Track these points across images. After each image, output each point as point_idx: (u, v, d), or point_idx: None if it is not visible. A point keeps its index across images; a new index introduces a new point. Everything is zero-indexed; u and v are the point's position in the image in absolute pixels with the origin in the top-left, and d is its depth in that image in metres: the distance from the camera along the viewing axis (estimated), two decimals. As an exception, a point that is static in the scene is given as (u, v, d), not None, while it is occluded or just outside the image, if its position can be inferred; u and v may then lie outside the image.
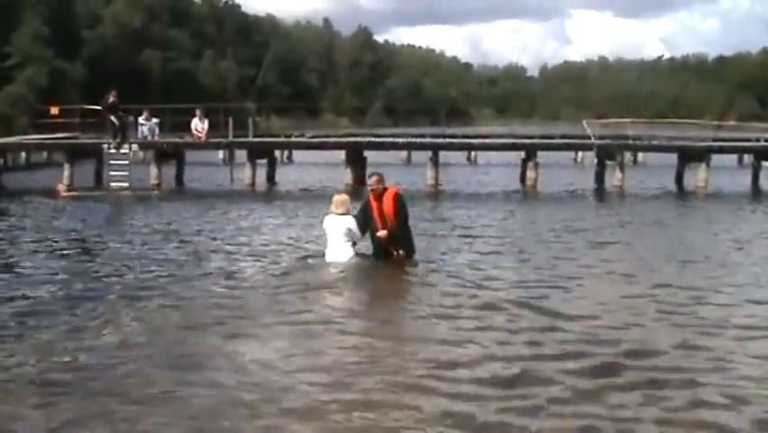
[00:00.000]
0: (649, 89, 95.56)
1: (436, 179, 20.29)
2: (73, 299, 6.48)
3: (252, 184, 20.24)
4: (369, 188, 8.06)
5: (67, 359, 4.87)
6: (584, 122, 24.86)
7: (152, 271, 7.82)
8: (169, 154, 21.04)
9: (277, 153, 25.22)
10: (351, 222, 7.58)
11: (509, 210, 14.54)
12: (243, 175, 20.69)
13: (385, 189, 8.02)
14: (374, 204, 7.98)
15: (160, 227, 11.58)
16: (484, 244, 9.79)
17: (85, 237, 10.20)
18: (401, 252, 7.98)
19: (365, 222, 7.98)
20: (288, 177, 23.26)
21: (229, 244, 9.92)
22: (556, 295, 6.78)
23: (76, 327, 5.66)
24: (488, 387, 4.46)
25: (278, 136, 26.92)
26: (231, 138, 21.05)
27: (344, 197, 8.13)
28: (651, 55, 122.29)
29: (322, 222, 7.83)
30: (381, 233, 7.87)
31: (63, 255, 8.74)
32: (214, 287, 7.20)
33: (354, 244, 7.67)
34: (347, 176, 20.17)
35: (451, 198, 17.28)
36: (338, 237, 7.60)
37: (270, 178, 21.50)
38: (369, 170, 21.84)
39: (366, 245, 7.86)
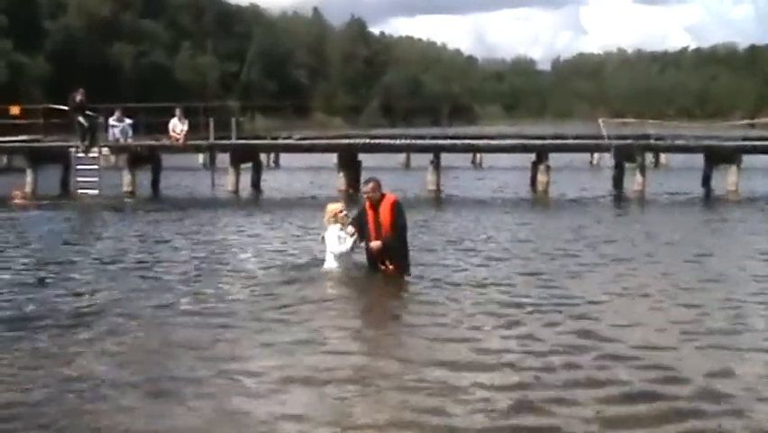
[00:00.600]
0: (673, 84, 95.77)
1: (438, 184, 20.30)
2: (25, 322, 6.41)
3: (236, 191, 20.25)
4: (364, 195, 8.12)
5: (20, 391, 4.85)
6: (600, 120, 24.89)
7: (121, 290, 7.80)
8: (143, 158, 21.03)
9: (262, 157, 25.26)
10: (331, 232, 7.89)
11: (518, 219, 14.48)
12: (226, 181, 20.69)
13: (382, 197, 8.09)
14: (370, 212, 8.05)
15: (131, 239, 11.61)
16: (489, 257, 9.73)
17: (35, 253, 10.01)
18: (393, 265, 8.04)
19: (360, 231, 8.09)
20: (274, 183, 23.25)
21: (210, 258, 9.98)
22: (570, 318, 6.69)
23: (35, 355, 5.60)
24: (499, 418, 4.44)
25: (264, 138, 26.88)
26: (212, 140, 21.05)
27: (330, 207, 8.30)
28: (675, 46, 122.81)
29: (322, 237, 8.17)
30: (375, 244, 7.94)
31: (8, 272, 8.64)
32: (191, 307, 7.20)
33: (342, 253, 7.96)
34: (340, 181, 20.16)
35: (453, 206, 17.31)
36: (327, 248, 8.04)
37: (255, 184, 21.52)
38: (364, 175, 22.24)
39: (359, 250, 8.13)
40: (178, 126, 20.69)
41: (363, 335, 6.31)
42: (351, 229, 8.08)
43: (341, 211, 8.24)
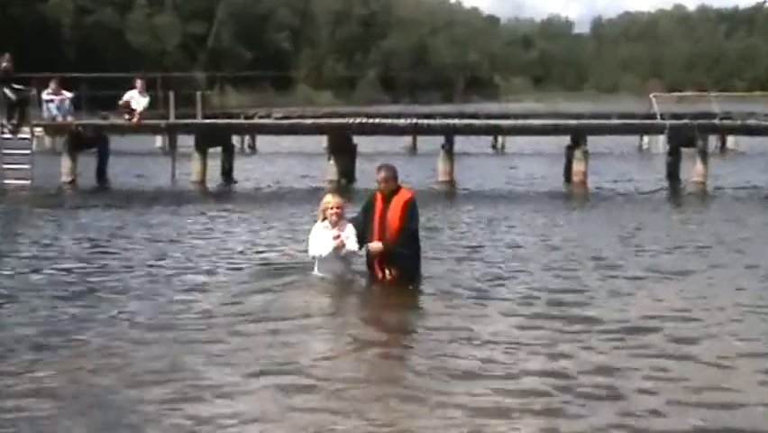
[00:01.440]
0: (743, 49, 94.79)
1: (450, 174, 20.36)
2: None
3: (202, 181, 20.33)
4: (376, 183, 8.29)
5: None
6: (652, 95, 24.92)
7: (54, 306, 7.80)
8: (86, 141, 21.02)
9: (235, 140, 25.31)
10: (314, 230, 8.35)
11: (549, 218, 14.40)
12: (190, 169, 20.77)
13: (397, 190, 8.23)
14: (379, 206, 8.18)
15: (69, 242, 11.55)
16: (512, 268, 9.63)
17: None
18: (392, 271, 8.14)
19: (364, 227, 8.23)
20: (250, 172, 23.32)
21: (169, 264, 9.87)
22: (614, 349, 6.42)
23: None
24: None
25: (237, 117, 26.94)
26: (172, 119, 21.09)
27: (325, 199, 8.52)
28: (747, 2, 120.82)
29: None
30: (373, 246, 8.08)
31: None
32: (142, 324, 7.21)
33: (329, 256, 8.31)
34: (330, 170, 20.21)
35: (469, 201, 17.36)
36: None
37: (226, 173, 21.60)
38: (360, 163, 22.50)
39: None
40: (139, 101, 20.62)
41: (346, 361, 6.27)
42: (336, 232, 8.21)
43: (331, 207, 8.35)
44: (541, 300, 8.03)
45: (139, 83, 20.86)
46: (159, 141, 30.76)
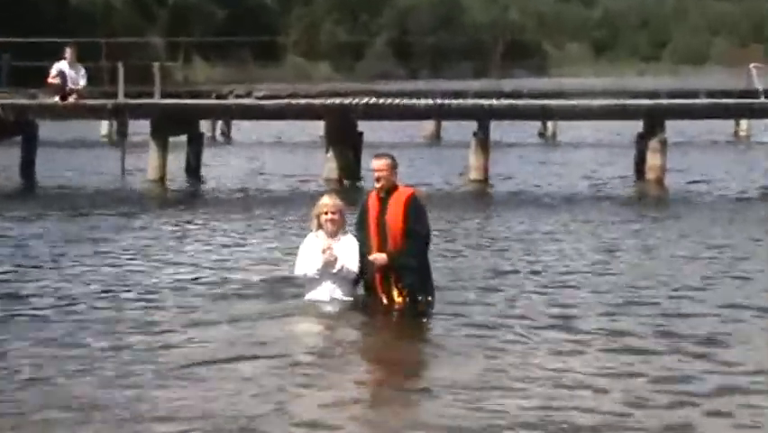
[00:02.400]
0: None
1: (485, 170, 20.36)
2: None
3: (161, 180, 20.44)
4: (373, 172, 8.50)
5: None
6: (752, 66, 24.80)
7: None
8: (7, 127, 21.12)
9: (204, 126, 25.37)
10: (305, 243, 8.64)
11: (615, 228, 14.36)
12: (145, 165, 20.84)
13: (394, 188, 8.39)
14: (373, 209, 8.35)
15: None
16: (565, 297, 9.53)
17: None
18: (403, 295, 8.27)
19: (361, 238, 8.46)
20: (223, 168, 23.32)
21: (115, 285, 9.95)
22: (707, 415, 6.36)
23: None
24: None
25: (207, 96, 26.98)
26: (121, 98, 21.17)
27: (322, 201, 8.66)
28: None
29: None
30: (376, 257, 8.22)
31: None
32: (78, 360, 7.24)
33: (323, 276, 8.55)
34: (328, 166, 20.30)
35: (508, 206, 17.33)
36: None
37: (193, 170, 21.73)
38: (367, 156, 22.17)
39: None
40: (70, 76, 20.65)
41: (339, 415, 6.27)
42: (326, 243, 8.35)
43: (326, 212, 8.42)
44: (606, 338, 7.96)
45: (68, 52, 20.60)
46: (103, 127, 30.86)
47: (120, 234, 13.86)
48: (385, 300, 8.30)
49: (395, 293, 8.26)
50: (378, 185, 8.40)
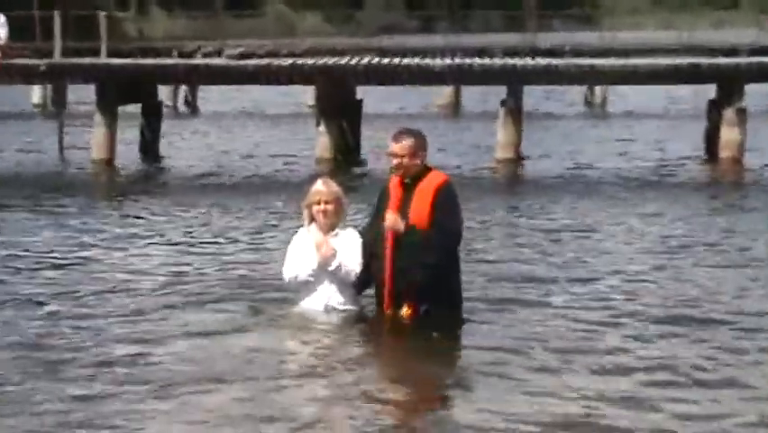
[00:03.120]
0: None
1: (516, 147, 20.55)
2: None
3: (108, 161, 20.53)
4: (391, 160, 8.39)
5: None
6: None
7: None
8: None
9: (164, 94, 25.41)
10: (295, 239, 8.71)
11: (678, 225, 14.22)
12: (89, 141, 20.97)
13: (425, 171, 8.34)
14: (395, 195, 8.34)
15: None
16: (621, 309, 9.50)
17: None
18: (421, 304, 8.25)
19: (375, 235, 8.40)
20: (187, 146, 23.45)
21: (56, 291, 9.98)
22: None
23: None
24: None
25: (168, 54, 26.99)
26: (58, 58, 21.26)
27: (315, 188, 8.61)
28: None
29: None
30: (390, 218, 8.15)
31: None
32: (20, 385, 7.21)
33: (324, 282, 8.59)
34: (321, 142, 20.45)
35: (546, 191, 17.39)
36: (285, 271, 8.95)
37: (149, 147, 21.87)
38: (368, 129, 22.18)
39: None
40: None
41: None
42: (320, 238, 8.37)
43: (318, 202, 8.45)
44: (644, 389, 7.53)
45: None
46: (35, 94, 30.92)
47: (57, 229, 13.86)
48: (390, 310, 8.31)
49: (406, 308, 8.25)
50: (398, 173, 8.32)
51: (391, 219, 8.12)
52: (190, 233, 13.60)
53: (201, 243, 12.95)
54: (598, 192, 17.47)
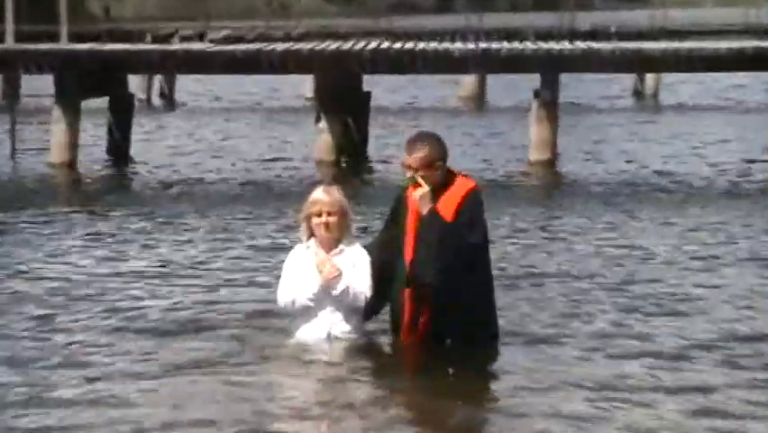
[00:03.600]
0: None
1: (552, 147, 20.59)
2: None
3: (70, 164, 20.54)
4: (406, 170, 8.37)
5: None
6: None
7: None
8: None
9: (135, 84, 25.38)
10: (291, 257, 8.74)
11: (750, 245, 13.87)
12: (47, 141, 21.01)
13: (450, 179, 8.37)
14: (413, 210, 8.34)
15: None
16: (684, 348, 9.29)
17: None
18: (439, 330, 8.31)
19: (389, 250, 8.44)
20: (162, 146, 23.51)
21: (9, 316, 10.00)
22: None
23: None
24: None
25: (140, 38, 26.96)
26: (10, 42, 21.25)
27: (314, 195, 8.56)
28: None
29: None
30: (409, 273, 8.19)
31: None
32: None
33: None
34: (321, 140, 20.51)
35: (588, 204, 17.17)
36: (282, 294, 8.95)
37: (118, 148, 21.86)
38: (377, 127, 22.16)
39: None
40: None
41: None
42: (322, 256, 8.34)
43: (318, 213, 8.38)
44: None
45: None
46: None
47: (12, 243, 13.91)
48: (409, 335, 8.36)
49: (421, 325, 8.30)
50: (413, 177, 8.32)
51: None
52: (167, 250, 13.58)
53: (179, 262, 12.92)
54: (652, 201, 17.40)
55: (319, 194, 8.49)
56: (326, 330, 8.47)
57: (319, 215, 8.36)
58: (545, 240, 14.27)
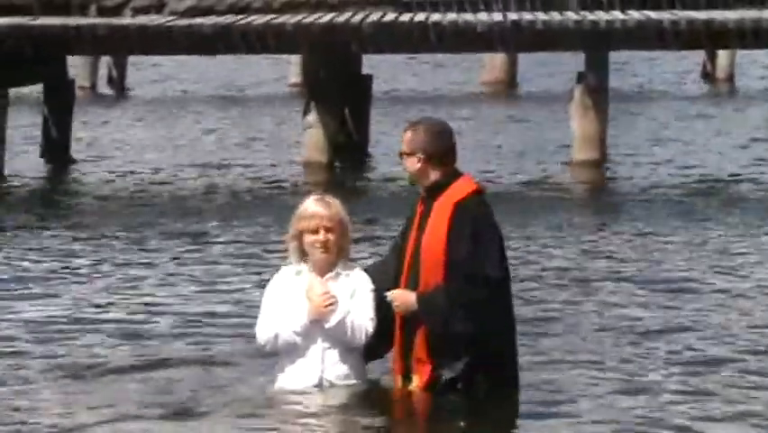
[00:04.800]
0: None
1: (601, 143, 20.70)
2: None
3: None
4: (404, 159, 8.37)
5: None
6: None
7: None
8: None
9: (78, 68, 25.35)
10: (275, 282, 8.74)
11: None
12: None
13: (450, 181, 8.35)
14: (417, 215, 8.42)
15: None
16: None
17: None
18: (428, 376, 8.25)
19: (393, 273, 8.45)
20: (112, 145, 23.81)
21: None
22: None
23: None
24: None
25: (83, 10, 27.00)
26: None
27: (303, 208, 8.51)
28: None
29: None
30: (395, 295, 8.22)
31: None
32: None
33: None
34: (310, 138, 20.57)
35: (647, 212, 17.28)
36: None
37: (55, 147, 21.92)
38: (380, 118, 22.04)
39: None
40: None
41: None
42: (315, 282, 8.31)
43: (315, 230, 8.26)
44: None
45: None
46: None
47: None
48: (400, 382, 8.33)
49: (413, 378, 8.26)
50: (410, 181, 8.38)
51: (397, 299, 8.19)
52: (114, 276, 13.64)
53: (130, 290, 12.97)
54: (725, 214, 17.26)
55: (314, 206, 8.41)
56: (318, 374, 8.39)
57: (315, 231, 8.27)
58: (583, 262, 14.23)
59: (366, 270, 8.61)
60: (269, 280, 8.74)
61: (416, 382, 8.29)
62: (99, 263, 14.30)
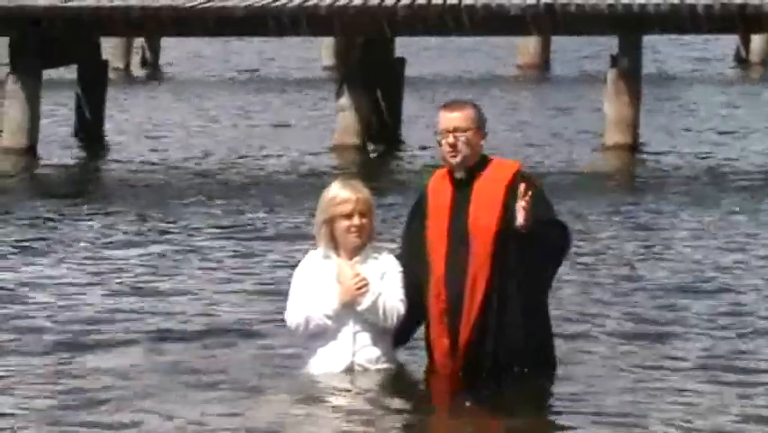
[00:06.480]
0: None
1: (634, 129, 20.66)
2: None
3: (29, 150, 20.67)
4: (440, 135, 8.29)
5: None
6: None
7: None
8: None
9: (111, 51, 25.48)
10: (302, 267, 8.68)
11: None
12: (4, 121, 20.98)
13: (485, 162, 8.31)
14: (444, 198, 8.32)
15: None
16: None
17: None
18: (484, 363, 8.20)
19: (411, 257, 8.39)
20: (145, 128, 23.77)
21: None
22: None
23: None
24: None
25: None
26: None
27: (331, 191, 8.47)
28: None
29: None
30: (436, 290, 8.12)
31: None
32: None
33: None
34: (343, 121, 20.56)
35: (685, 200, 17.16)
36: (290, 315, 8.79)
37: (88, 130, 22.04)
38: (412, 102, 22.05)
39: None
40: None
41: None
42: (345, 266, 8.27)
43: (347, 214, 8.21)
44: None
45: None
46: None
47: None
48: (448, 368, 8.24)
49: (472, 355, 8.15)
50: (453, 159, 8.20)
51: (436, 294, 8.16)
52: (146, 258, 13.62)
53: (162, 273, 12.94)
54: (757, 201, 17.14)
55: (345, 191, 8.35)
56: (349, 358, 8.36)
57: (350, 216, 8.23)
58: (622, 242, 14.28)
59: (397, 255, 8.56)
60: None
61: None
62: (134, 245, 14.28)
